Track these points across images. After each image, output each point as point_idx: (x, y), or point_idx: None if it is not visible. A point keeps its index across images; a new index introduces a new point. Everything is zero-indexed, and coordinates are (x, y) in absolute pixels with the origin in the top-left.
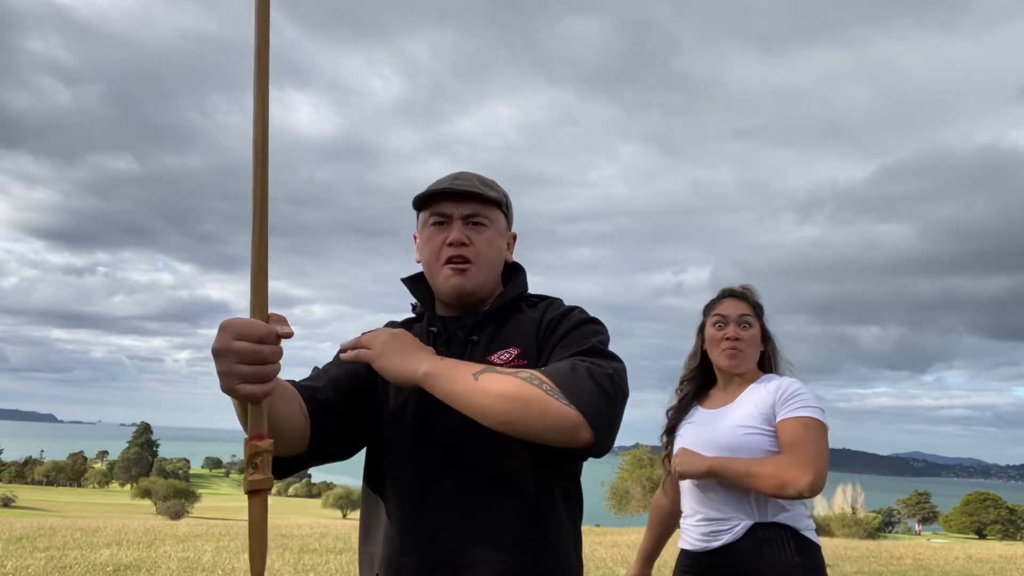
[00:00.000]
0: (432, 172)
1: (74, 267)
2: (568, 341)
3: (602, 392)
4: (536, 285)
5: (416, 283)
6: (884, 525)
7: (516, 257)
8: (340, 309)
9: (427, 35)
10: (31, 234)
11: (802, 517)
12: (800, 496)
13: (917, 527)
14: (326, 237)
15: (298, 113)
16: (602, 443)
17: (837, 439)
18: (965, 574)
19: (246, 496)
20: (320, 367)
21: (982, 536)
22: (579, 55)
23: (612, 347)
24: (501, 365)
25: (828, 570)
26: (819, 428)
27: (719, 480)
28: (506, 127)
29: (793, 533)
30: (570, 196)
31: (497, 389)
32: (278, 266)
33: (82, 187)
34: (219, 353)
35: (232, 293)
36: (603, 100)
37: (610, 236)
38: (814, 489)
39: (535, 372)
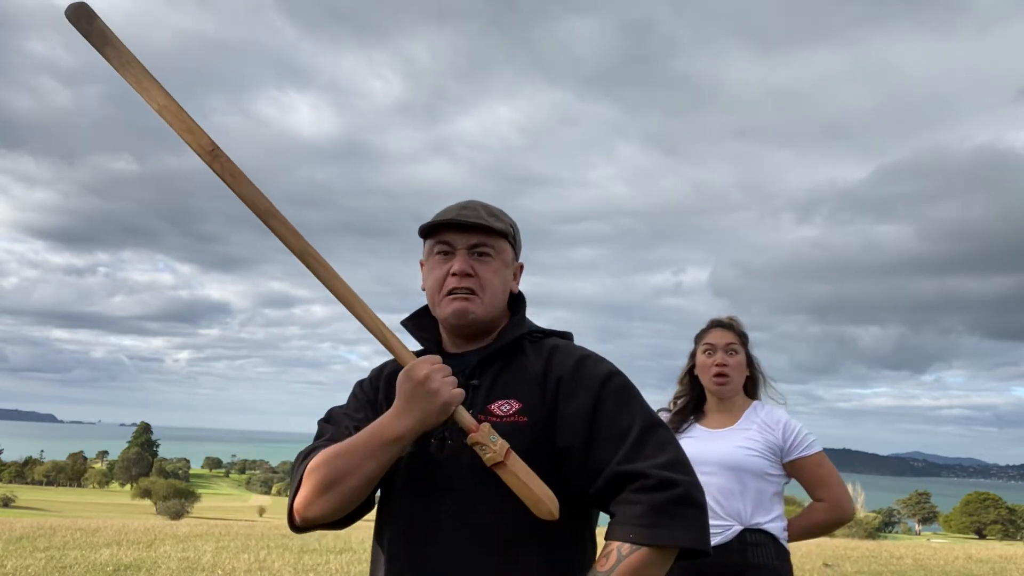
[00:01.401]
0: (433, 173)
1: (74, 267)
2: (609, 430)
3: (693, 511)
4: (536, 285)
5: (417, 321)
6: (884, 525)
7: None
8: (340, 310)
9: (426, 36)
10: (32, 234)
11: (781, 528)
12: (853, 518)
13: (917, 527)
14: (326, 237)
15: (298, 114)
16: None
17: (837, 439)
18: (965, 574)
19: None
20: (338, 414)
21: (982, 536)
22: (578, 56)
23: (613, 345)
24: (501, 417)
25: (828, 570)
26: (825, 457)
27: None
28: (506, 127)
29: (773, 539)
30: (570, 196)
31: None
32: (278, 266)
33: (82, 187)
34: (428, 377)
35: (232, 293)
36: (603, 100)
37: (610, 236)
38: (854, 508)
39: (632, 558)
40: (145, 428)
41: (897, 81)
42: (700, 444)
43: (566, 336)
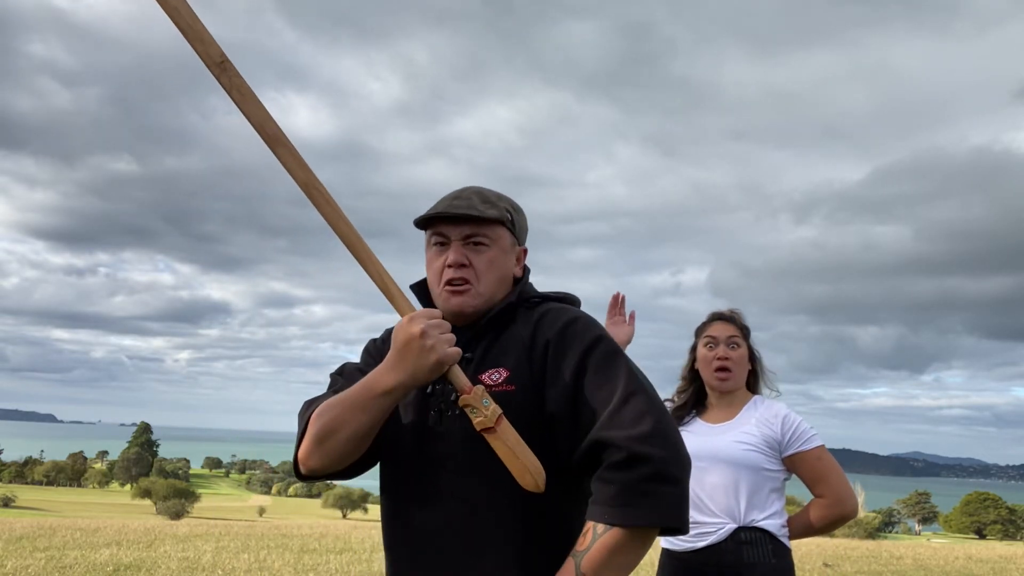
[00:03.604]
0: (431, 173)
1: (75, 268)
2: (591, 397)
3: (667, 487)
4: (536, 285)
5: (421, 293)
6: (884, 525)
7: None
8: (341, 309)
9: (425, 38)
10: (32, 235)
11: (779, 525)
12: (855, 515)
13: (917, 527)
14: (326, 237)
15: (297, 115)
16: (688, 522)
17: (837, 439)
18: (965, 574)
19: (482, 433)
20: (350, 368)
21: (982, 536)
22: (577, 58)
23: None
24: (491, 386)
25: (828, 570)
26: (826, 452)
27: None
28: (505, 128)
29: (771, 537)
30: (569, 197)
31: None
32: (279, 267)
33: (82, 188)
34: (424, 332)
35: (232, 293)
36: (602, 102)
37: (609, 237)
38: (856, 504)
39: (606, 538)
40: (145, 428)
41: (895, 82)
42: (696, 439)
43: (568, 299)
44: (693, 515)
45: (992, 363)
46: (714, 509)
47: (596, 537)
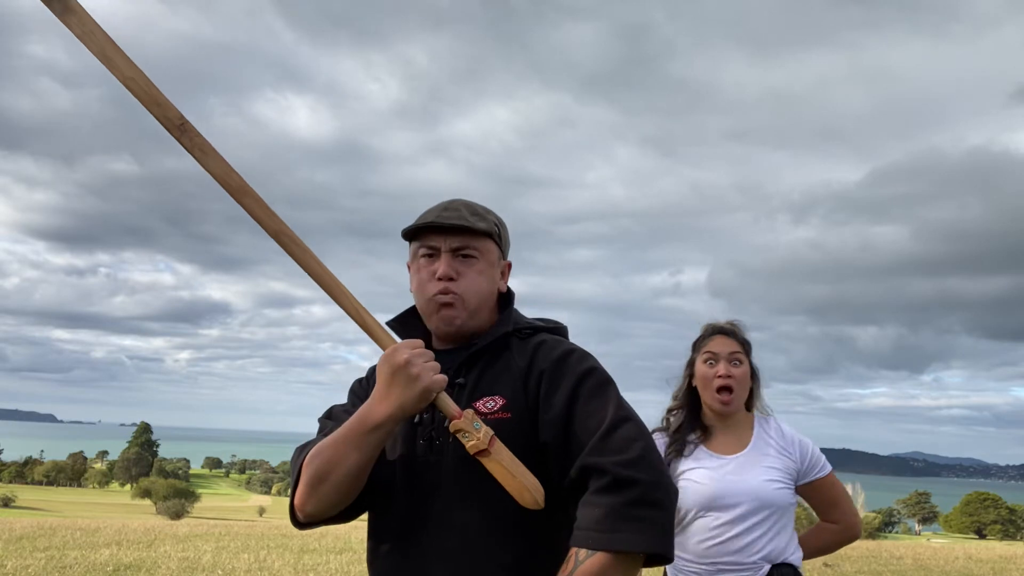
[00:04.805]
0: (431, 174)
1: (75, 268)
2: (582, 425)
3: (653, 512)
4: (535, 286)
5: (405, 320)
6: (884, 525)
7: (516, 260)
8: (340, 310)
9: (424, 39)
10: (32, 235)
11: (800, 557)
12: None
13: (917, 527)
14: (325, 238)
15: (296, 116)
16: (673, 551)
17: (837, 439)
18: (965, 574)
19: (477, 458)
20: (338, 411)
21: (982, 536)
22: (576, 59)
23: (612, 346)
24: (486, 414)
25: (828, 570)
26: (835, 476)
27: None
28: (504, 129)
29: (795, 571)
30: (568, 197)
31: None
32: (278, 267)
33: (83, 188)
34: (408, 362)
35: (232, 293)
36: (601, 103)
37: (608, 237)
38: (861, 525)
39: (588, 564)
40: (145, 428)
41: (892, 84)
42: (717, 475)
43: (559, 329)
44: (728, 557)
45: (992, 363)
46: (750, 550)
47: (579, 563)
